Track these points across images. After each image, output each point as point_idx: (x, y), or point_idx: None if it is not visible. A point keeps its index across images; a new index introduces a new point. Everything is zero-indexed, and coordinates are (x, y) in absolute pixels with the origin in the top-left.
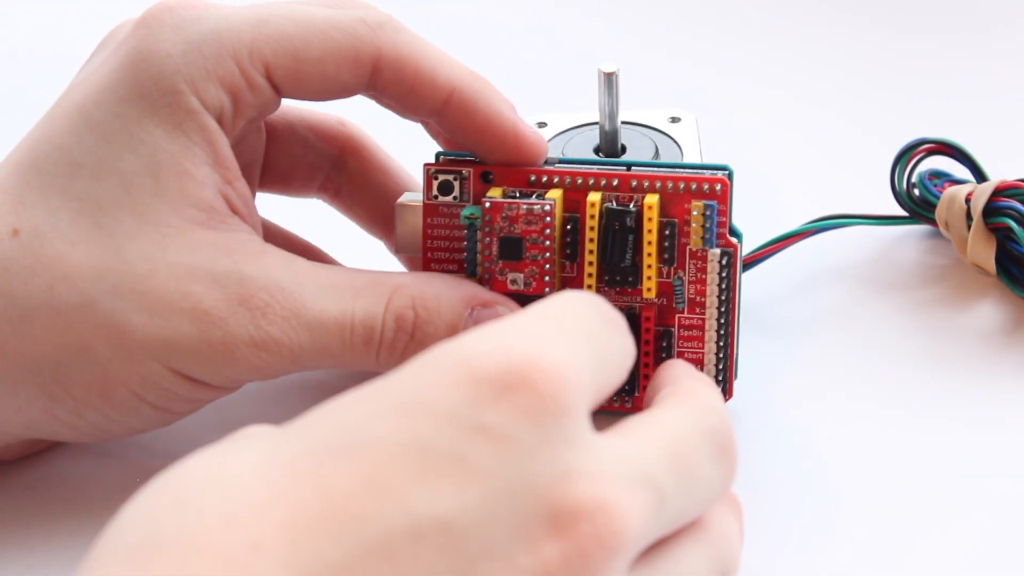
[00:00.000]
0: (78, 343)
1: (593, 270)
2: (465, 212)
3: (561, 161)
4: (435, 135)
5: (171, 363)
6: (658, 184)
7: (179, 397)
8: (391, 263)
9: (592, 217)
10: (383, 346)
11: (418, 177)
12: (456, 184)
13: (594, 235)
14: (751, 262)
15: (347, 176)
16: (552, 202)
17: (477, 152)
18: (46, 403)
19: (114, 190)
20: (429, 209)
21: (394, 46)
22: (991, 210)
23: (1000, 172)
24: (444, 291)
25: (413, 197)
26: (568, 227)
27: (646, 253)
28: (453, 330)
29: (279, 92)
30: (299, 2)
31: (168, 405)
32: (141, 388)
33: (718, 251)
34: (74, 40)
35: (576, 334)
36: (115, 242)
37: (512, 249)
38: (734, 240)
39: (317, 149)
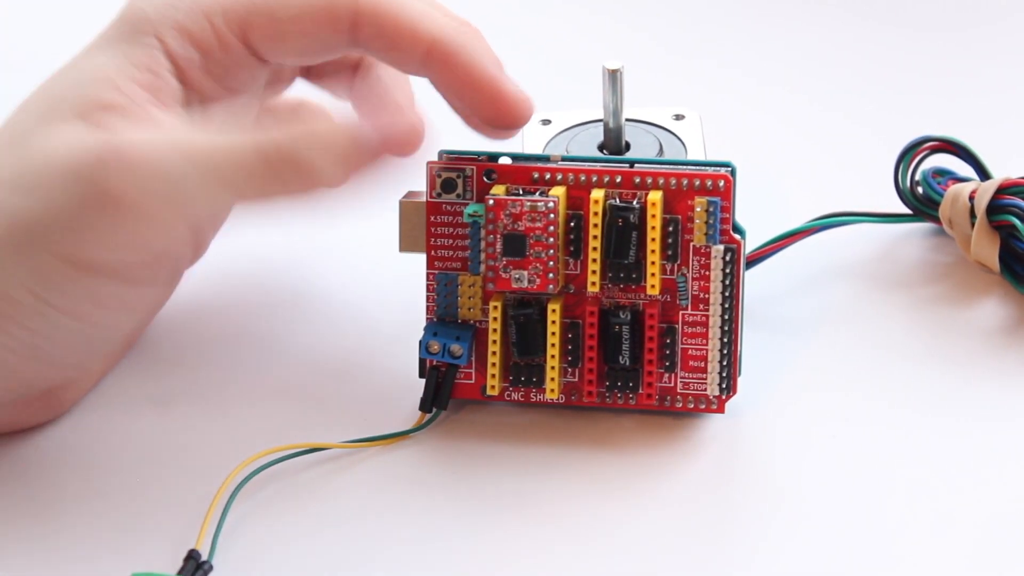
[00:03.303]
0: None
1: (597, 267)
2: (468, 210)
3: (565, 158)
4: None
5: (51, 245)
6: (661, 181)
7: (79, 295)
8: (396, 261)
9: (595, 214)
10: (274, 151)
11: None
12: (459, 182)
13: (598, 232)
14: (755, 260)
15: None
16: (555, 199)
17: (460, 111)
18: None
19: (36, 103)
20: (433, 207)
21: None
22: (995, 208)
23: (1004, 170)
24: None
25: (417, 195)
26: (572, 224)
27: (649, 250)
28: (346, 123)
29: (259, 54)
30: None
31: (75, 307)
32: (37, 286)
33: (721, 247)
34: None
35: None
36: (15, 137)
37: (516, 246)
38: (737, 236)
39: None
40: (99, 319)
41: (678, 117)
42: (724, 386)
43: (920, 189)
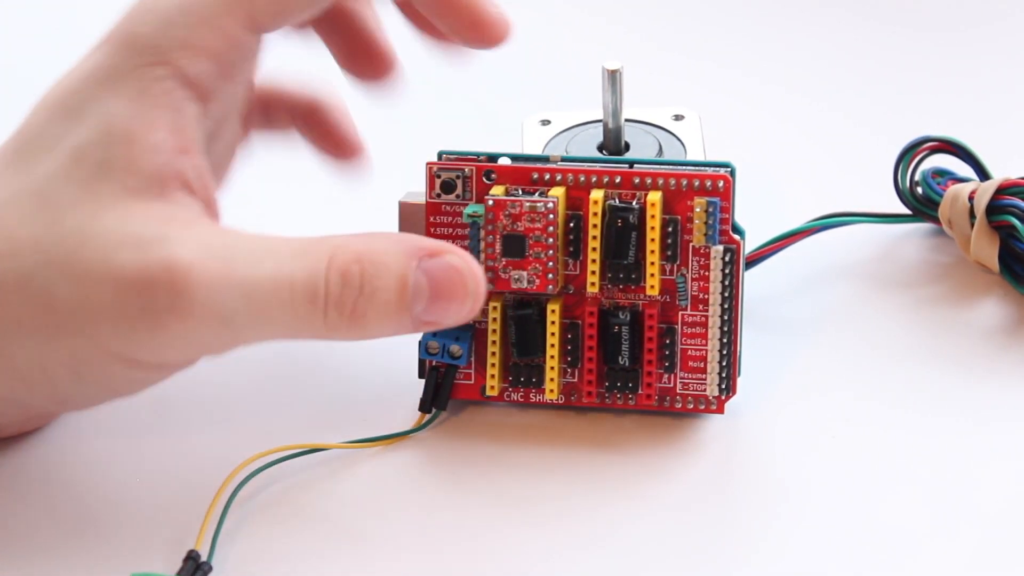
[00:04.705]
0: (13, 317)
1: (596, 268)
2: (468, 210)
3: (564, 159)
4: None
5: (97, 339)
6: (660, 181)
7: (116, 377)
8: None
9: (595, 215)
10: (330, 303)
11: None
12: (459, 182)
13: (597, 232)
14: (754, 260)
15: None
16: (555, 200)
17: (437, 30)
18: None
19: (65, 164)
20: (432, 208)
21: None
22: (994, 208)
23: (1003, 170)
24: (388, 245)
25: (416, 196)
26: (571, 224)
27: (649, 250)
28: (402, 282)
29: (261, 30)
30: None
31: (109, 384)
32: (75, 366)
33: (721, 248)
34: (70, 39)
35: None
36: (55, 215)
37: (515, 247)
38: (737, 237)
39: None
40: (130, 390)
41: (677, 117)
42: (724, 386)
43: (920, 189)
